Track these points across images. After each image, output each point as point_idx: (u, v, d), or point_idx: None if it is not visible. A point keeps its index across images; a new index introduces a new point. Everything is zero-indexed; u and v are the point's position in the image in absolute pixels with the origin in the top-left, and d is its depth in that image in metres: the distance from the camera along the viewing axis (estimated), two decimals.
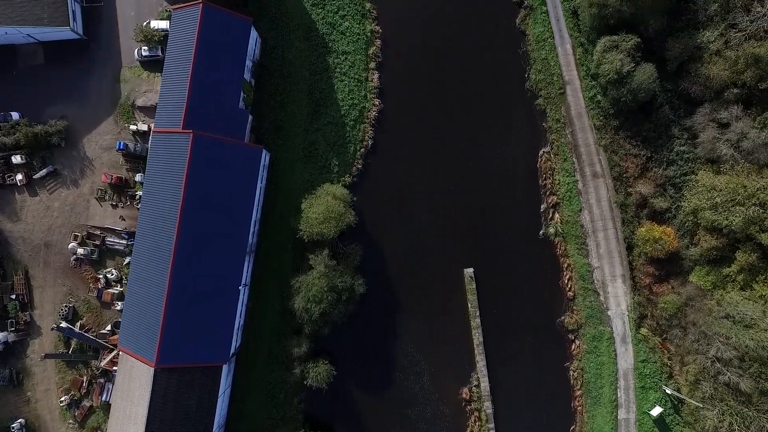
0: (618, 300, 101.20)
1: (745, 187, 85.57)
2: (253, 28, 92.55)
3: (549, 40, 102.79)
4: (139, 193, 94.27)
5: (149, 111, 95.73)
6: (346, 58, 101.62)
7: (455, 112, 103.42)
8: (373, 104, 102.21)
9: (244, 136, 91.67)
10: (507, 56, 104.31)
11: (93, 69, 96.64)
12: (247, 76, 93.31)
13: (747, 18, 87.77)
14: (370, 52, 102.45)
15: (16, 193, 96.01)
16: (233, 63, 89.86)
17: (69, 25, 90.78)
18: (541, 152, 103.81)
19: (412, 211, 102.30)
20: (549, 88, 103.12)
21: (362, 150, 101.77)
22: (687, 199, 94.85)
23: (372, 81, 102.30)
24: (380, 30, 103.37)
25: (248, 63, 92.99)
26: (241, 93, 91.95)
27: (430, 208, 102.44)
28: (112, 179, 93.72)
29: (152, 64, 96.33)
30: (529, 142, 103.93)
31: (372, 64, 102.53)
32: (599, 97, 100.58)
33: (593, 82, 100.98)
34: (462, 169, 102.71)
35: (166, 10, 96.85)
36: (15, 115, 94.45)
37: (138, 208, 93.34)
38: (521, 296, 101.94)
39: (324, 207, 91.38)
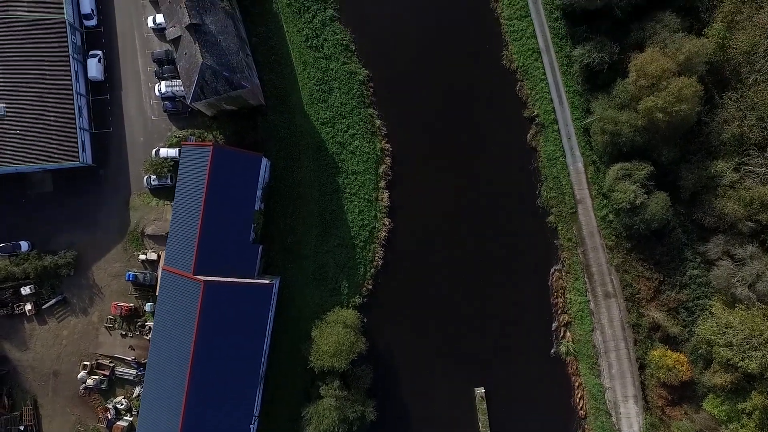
0: (630, 421, 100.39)
1: (762, 332, 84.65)
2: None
3: (560, 159, 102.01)
4: (149, 323, 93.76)
5: (159, 239, 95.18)
6: (356, 178, 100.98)
7: (465, 229, 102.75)
8: (384, 224, 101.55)
9: (255, 269, 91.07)
10: (518, 171, 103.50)
11: (102, 196, 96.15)
12: (257, 204, 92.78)
13: (762, 160, 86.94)
14: (380, 170, 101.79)
15: (25, 322, 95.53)
16: (244, 200, 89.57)
17: (79, 160, 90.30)
18: (552, 270, 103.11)
19: (422, 330, 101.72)
20: (560, 206, 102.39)
21: (372, 270, 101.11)
22: (700, 327, 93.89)
23: (382, 200, 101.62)
24: (390, 148, 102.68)
25: (258, 192, 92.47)
26: (252, 226, 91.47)
27: (441, 326, 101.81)
28: (122, 311, 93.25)
29: (162, 192, 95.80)
30: (540, 259, 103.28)
31: (382, 183, 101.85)
32: (611, 216, 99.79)
33: (605, 201, 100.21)
34: (473, 287, 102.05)
35: (175, 136, 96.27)
36: (24, 245, 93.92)
37: (148, 339, 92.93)
38: (532, 415, 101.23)
39: (335, 338, 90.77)
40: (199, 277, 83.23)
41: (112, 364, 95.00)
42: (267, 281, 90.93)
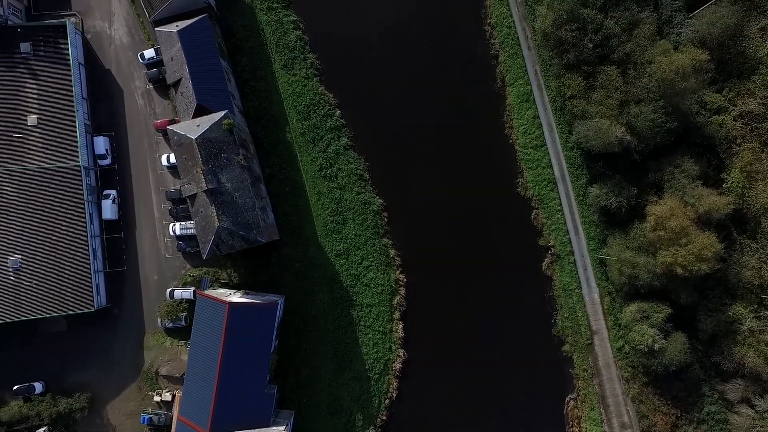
0: None
1: None
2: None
3: (576, 290, 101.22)
4: None
5: (173, 380, 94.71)
6: (370, 311, 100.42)
7: (480, 357, 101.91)
8: (398, 355, 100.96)
9: (270, 416, 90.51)
10: (534, 299, 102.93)
11: (116, 335, 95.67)
12: (272, 347, 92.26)
13: None
14: (395, 301, 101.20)
15: None
16: (260, 350, 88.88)
17: (93, 308, 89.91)
18: (567, 398, 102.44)
19: None
20: (576, 335, 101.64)
21: (387, 401, 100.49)
22: None
23: (396, 331, 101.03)
24: (404, 278, 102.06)
25: (274, 335, 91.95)
26: (268, 370, 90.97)
27: None
28: None
29: (176, 332, 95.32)
30: (555, 387, 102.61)
31: (396, 314, 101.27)
32: (627, 348, 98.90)
33: (621, 332, 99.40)
34: (487, 414, 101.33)
35: (190, 275, 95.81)
36: (38, 387, 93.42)
37: None
38: None
39: None
40: None
41: None
42: (281, 429, 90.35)
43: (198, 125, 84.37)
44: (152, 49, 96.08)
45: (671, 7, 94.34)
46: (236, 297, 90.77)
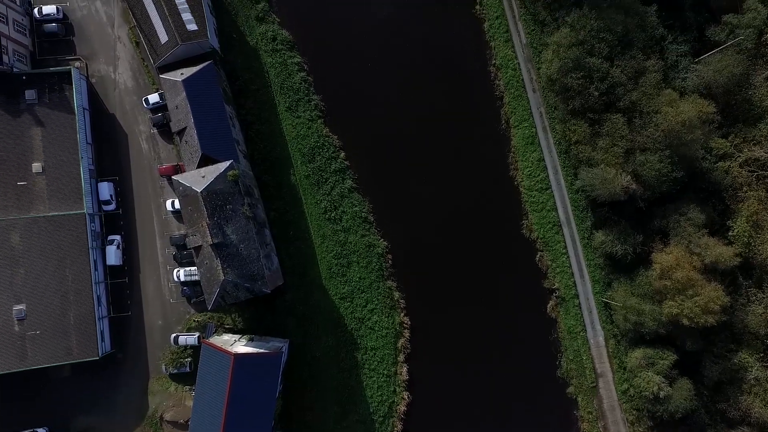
0: None
1: None
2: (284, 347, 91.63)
3: (581, 333, 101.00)
4: None
5: (178, 425, 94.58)
6: (374, 354, 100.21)
7: (485, 400, 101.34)
8: (403, 398, 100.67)
9: None
10: (538, 341, 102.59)
11: (120, 380, 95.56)
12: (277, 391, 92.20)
13: None
14: (399, 344, 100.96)
15: None
16: (266, 396, 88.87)
17: (98, 355, 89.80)
18: None
19: None
20: (581, 378, 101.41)
21: None
22: None
23: (401, 374, 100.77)
24: (409, 321, 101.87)
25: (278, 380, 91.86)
26: (272, 416, 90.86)
27: None
28: None
29: (180, 377, 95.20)
30: (560, 429, 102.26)
31: (401, 357, 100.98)
32: (632, 391, 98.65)
33: (626, 375, 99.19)
34: None
35: (194, 320, 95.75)
36: None
37: None
38: None
39: None
40: None
41: None
42: None
43: (203, 176, 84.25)
44: (156, 93, 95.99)
45: (677, 52, 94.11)
46: (241, 345, 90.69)
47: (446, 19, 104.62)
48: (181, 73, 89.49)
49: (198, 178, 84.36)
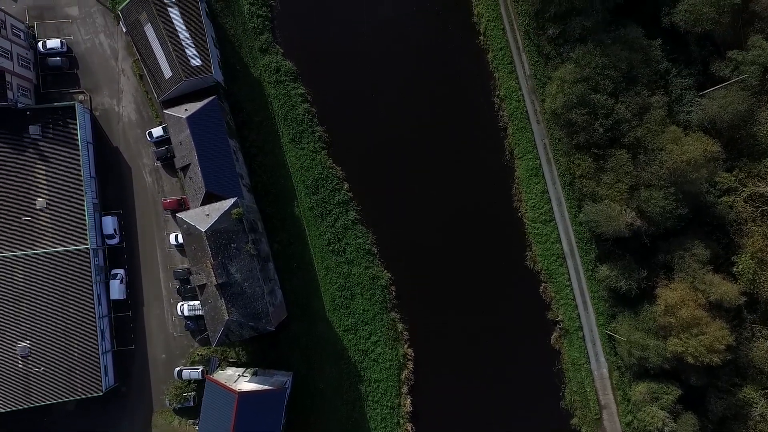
0: None
1: None
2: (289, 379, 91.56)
3: (585, 365, 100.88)
4: None
5: None
6: (378, 386, 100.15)
7: (490, 426, 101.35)
8: (406, 430, 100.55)
9: None
10: (541, 372, 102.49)
11: (124, 414, 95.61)
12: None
13: None
14: (403, 376, 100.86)
15: None
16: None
17: (101, 391, 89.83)
18: None
19: None
20: (585, 410, 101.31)
21: None
22: None
23: (405, 406, 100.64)
24: (413, 353, 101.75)
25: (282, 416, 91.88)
26: None
27: None
28: None
29: (184, 412, 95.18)
30: None
31: (404, 389, 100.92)
32: (636, 423, 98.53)
33: (630, 407, 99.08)
34: None
35: (198, 354, 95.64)
36: None
37: None
38: None
39: None
40: None
41: None
42: None
43: (207, 214, 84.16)
44: (160, 127, 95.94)
45: (681, 86, 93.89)
46: (245, 380, 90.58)
47: (449, 50, 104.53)
48: (185, 109, 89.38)
49: (202, 217, 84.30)
